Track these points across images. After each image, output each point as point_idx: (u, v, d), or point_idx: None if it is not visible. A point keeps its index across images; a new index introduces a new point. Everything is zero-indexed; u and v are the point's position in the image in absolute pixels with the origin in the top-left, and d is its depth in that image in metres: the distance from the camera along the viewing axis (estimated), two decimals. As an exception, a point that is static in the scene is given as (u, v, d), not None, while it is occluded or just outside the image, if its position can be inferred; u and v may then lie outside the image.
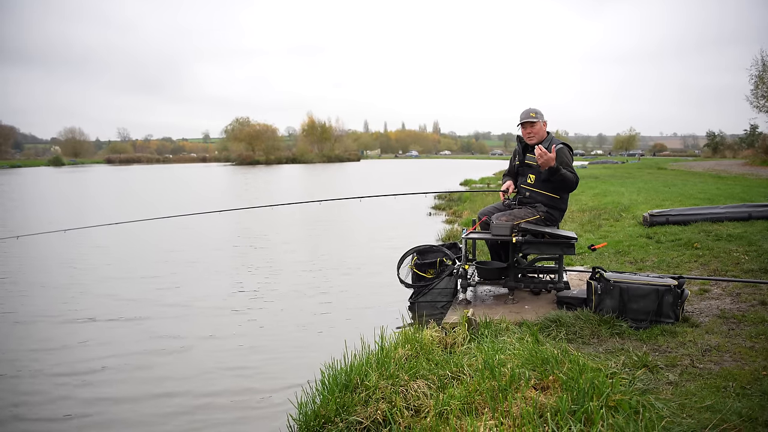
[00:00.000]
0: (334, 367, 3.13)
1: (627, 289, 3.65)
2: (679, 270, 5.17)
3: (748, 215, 7.47)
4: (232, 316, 5.26)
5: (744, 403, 2.40)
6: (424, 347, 3.33)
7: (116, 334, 4.78)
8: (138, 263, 7.92)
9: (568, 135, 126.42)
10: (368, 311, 5.34)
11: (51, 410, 3.43)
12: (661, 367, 2.93)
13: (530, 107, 4.59)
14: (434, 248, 5.14)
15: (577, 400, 2.38)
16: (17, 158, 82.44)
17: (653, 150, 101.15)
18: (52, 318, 5.26)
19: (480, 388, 2.60)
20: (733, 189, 13.43)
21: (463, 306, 4.32)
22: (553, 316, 3.76)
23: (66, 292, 6.24)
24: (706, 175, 21.87)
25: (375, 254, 8.31)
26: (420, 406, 2.64)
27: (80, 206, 17.93)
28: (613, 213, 9.41)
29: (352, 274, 7.03)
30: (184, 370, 4.00)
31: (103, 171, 53.17)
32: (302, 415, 2.80)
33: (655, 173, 24.82)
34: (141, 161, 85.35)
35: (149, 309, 5.53)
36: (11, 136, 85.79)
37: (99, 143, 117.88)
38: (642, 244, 6.47)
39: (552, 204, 4.52)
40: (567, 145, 4.55)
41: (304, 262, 7.98)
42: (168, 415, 3.34)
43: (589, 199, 11.67)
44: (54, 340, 4.65)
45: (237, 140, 76.67)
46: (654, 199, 11.03)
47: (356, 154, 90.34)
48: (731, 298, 4.26)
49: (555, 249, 4.34)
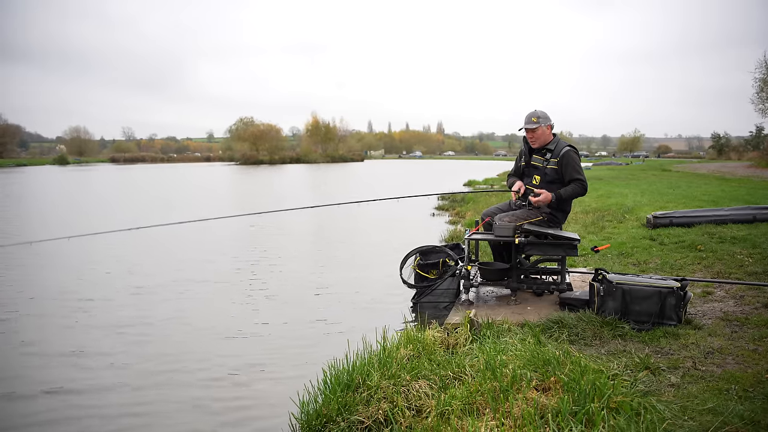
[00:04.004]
0: (336, 366, 3.14)
1: (629, 291, 3.65)
2: (682, 272, 5.16)
3: (753, 218, 7.45)
4: (234, 315, 5.28)
5: (746, 406, 2.40)
6: (426, 347, 3.34)
7: (116, 334, 4.80)
8: (141, 261, 7.95)
9: (572, 136, 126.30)
10: (371, 311, 5.35)
11: (50, 401, 3.46)
12: (663, 369, 2.93)
13: (533, 110, 4.50)
14: (437, 249, 5.15)
15: (579, 402, 2.38)
16: (23, 157, 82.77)
17: (657, 152, 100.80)
18: (53, 318, 5.30)
19: (481, 389, 2.61)
20: (738, 191, 13.38)
21: (466, 307, 4.33)
22: (556, 317, 3.76)
23: (68, 297, 6.28)
24: (710, 177, 21.78)
25: (378, 254, 8.32)
26: (421, 406, 2.65)
27: (98, 209, 18.00)
28: (616, 214, 9.40)
29: (355, 274, 7.04)
30: (186, 368, 4.02)
31: (109, 170, 53.36)
32: (304, 414, 2.81)
33: (660, 175, 24.75)
34: (145, 160, 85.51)
35: (149, 308, 5.55)
36: (17, 134, 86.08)
37: (104, 142, 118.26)
38: (645, 246, 6.45)
39: (555, 205, 4.51)
40: (573, 148, 4.54)
41: (307, 261, 8.00)
42: (170, 413, 3.36)
43: (593, 200, 11.65)
44: (53, 338, 4.68)
45: (241, 140, 76.75)
46: (658, 201, 11.01)
47: (360, 155, 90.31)
48: (735, 300, 4.25)
49: (558, 250, 4.34)
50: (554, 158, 4.46)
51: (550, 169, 4.47)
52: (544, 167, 4.51)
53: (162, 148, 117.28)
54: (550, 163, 4.48)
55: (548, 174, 4.48)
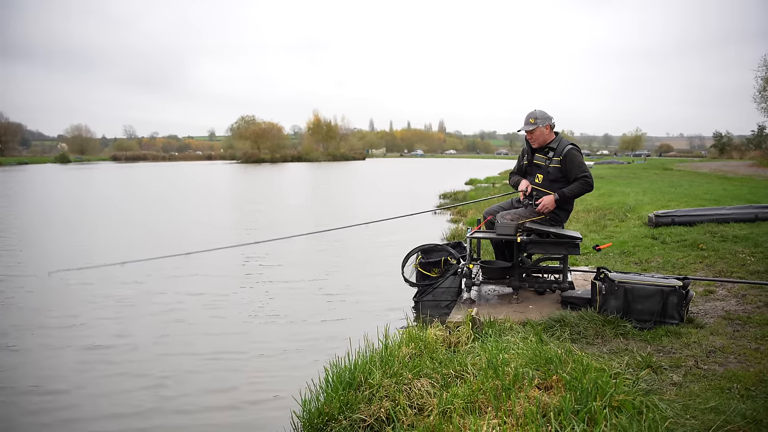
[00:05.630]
0: (338, 365, 3.14)
1: (631, 290, 3.65)
2: (684, 271, 5.15)
3: (755, 216, 7.43)
4: (237, 314, 5.29)
5: (748, 405, 2.40)
6: (428, 346, 3.34)
7: (115, 333, 4.81)
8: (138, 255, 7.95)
9: (573, 135, 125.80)
10: (372, 310, 5.35)
11: (58, 402, 3.47)
12: (665, 367, 2.93)
13: (532, 111, 4.49)
14: (439, 247, 5.14)
15: (581, 400, 2.38)
16: (24, 155, 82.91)
17: (659, 150, 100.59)
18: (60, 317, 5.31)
19: (483, 387, 2.61)
20: (740, 190, 13.36)
21: (468, 305, 4.33)
22: (557, 315, 3.76)
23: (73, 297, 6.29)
24: (712, 176, 21.75)
25: (379, 253, 8.32)
26: (423, 405, 2.65)
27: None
28: (618, 213, 9.38)
29: (357, 273, 7.04)
30: (188, 367, 4.03)
31: (110, 168, 53.41)
32: (306, 412, 2.82)
33: (661, 174, 24.71)
34: (147, 159, 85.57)
35: (148, 307, 5.56)
36: (18, 133, 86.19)
37: (105, 140, 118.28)
38: (647, 245, 6.45)
39: (558, 204, 4.51)
40: (575, 146, 4.53)
41: (308, 260, 8.01)
42: (172, 413, 3.37)
43: (595, 199, 11.63)
44: (55, 334, 4.70)
45: (243, 138, 76.80)
46: (660, 200, 10.99)
47: (361, 153, 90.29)
48: (737, 299, 4.24)
49: (560, 249, 4.33)
50: (557, 157, 4.45)
51: (553, 167, 4.47)
52: (546, 166, 4.50)
53: (163, 146, 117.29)
54: (552, 162, 4.47)
55: (551, 173, 4.48)
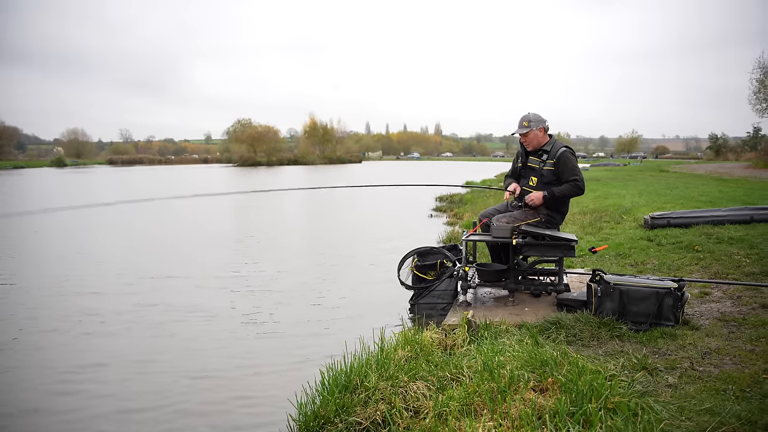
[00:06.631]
0: (333, 368, 3.14)
1: (627, 292, 3.65)
2: (679, 273, 5.17)
3: (750, 218, 7.47)
4: (231, 317, 5.27)
5: (743, 407, 2.40)
6: (423, 349, 3.34)
7: (115, 332, 4.79)
8: (138, 255, 7.94)
9: (569, 137, 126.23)
10: (368, 313, 5.34)
11: (54, 399, 3.45)
12: (661, 369, 2.93)
13: (526, 114, 4.52)
14: (435, 250, 5.15)
15: (576, 402, 2.38)
16: (20, 159, 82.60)
17: (655, 152, 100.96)
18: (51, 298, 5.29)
19: (479, 390, 2.61)
20: (735, 192, 13.42)
21: (463, 308, 4.33)
22: (553, 318, 3.76)
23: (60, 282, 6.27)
24: (708, 178, 21.84)
25: (375, 256, 8.32)
26: (419, 407, 2.65)
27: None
28: (614, 215, 9.41)
29: (353, 276, 7.03)
30: (184, 371, 4.01)
31: (107, 172, 53.26)
32: (302, 415, 2.81)
33: (657, 176, 24.80)
34: (143, 162, 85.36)
35: (147, 307, 5.54)
36: (14, 136, 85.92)
37: (101, 144, 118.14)
38: (643, 247, 6.46)
39: (553, 206, 4.52)
40: (569, 149, 4.55)
41: (305, 263, 7.99)
42: (168, 415, 3.35)
43: (590, 201, 11.67)
44: (58, 330, 4.67)
45: (239, 142, 76.74)
46: (655, 202, 11.03)
47: (358, 156, 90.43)
48: (732, 301, 4.25)
49: (555, 251, 4.34)
50: (551, 159, 4.46)
51: (547, 170, 4.48)
52: (540, 168, 4.52)
53: (160, 149, 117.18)
54: (546, 165, 4.48)
55: (545, 175, 4.49)
